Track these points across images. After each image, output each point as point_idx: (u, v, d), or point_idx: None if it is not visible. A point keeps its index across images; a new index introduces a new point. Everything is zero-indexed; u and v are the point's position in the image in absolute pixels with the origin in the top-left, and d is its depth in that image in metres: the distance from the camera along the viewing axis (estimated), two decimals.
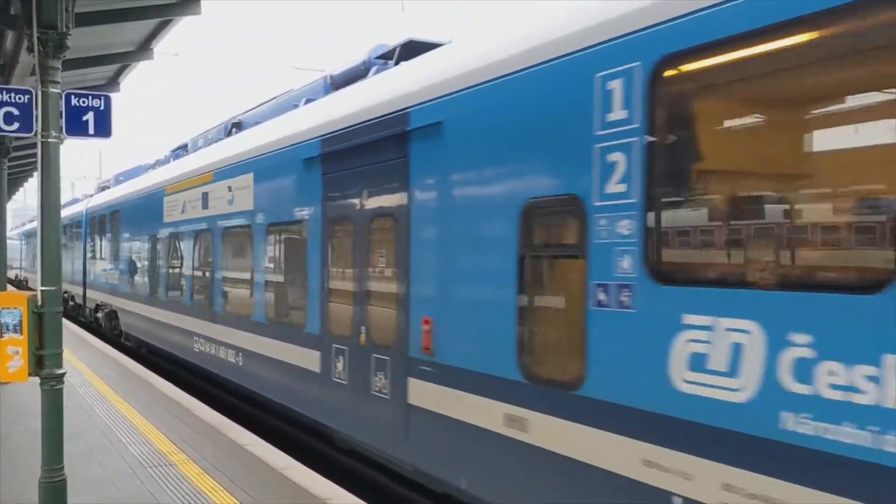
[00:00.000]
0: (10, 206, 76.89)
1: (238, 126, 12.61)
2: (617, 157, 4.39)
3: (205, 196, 11.84)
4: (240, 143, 10.96)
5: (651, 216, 4.20)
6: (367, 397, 7.04)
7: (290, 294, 9.05)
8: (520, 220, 5.19)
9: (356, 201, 7.44)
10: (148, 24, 10.60)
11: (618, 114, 4.37)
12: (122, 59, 12.24)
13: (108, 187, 23.91)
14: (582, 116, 4.61)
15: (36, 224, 6.73)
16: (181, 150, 16.41)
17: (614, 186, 4.41)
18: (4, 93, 5.99)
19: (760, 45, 3.71)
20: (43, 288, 5.87)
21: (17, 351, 5.85)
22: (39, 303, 5.83)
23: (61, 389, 5.97)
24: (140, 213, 16.33)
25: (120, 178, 23.26)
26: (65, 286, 23.11)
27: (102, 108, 6.35)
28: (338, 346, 7.61)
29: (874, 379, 3.20)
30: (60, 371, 5.93)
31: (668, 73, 4.16)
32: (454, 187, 5.94)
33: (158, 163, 18.56)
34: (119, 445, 8.41)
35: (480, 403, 5.52)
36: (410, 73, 6.91)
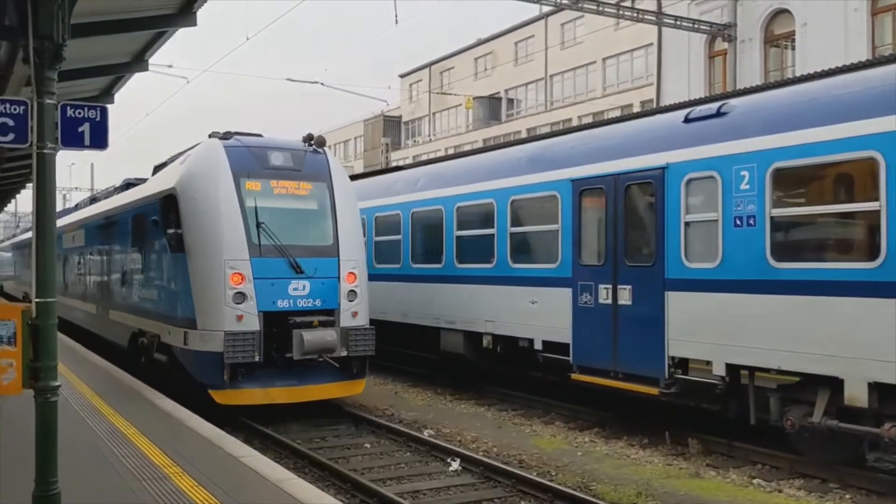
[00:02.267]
0: (1, 218, 76.05)
1: (94, 199, 23.70)
2: (153, 244, 14.08)
3: (76, 235, 23.08)
4: (84, 213, 22.91)
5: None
6: (104, 319, 17.92)
7: (90, 284, 20.34)
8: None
9: (101, 250, 18.93)
10: (143, 35, 10.56)
11: (145, 232, 14.54)
12: (117, 71, 12.22)
13: None
14: (128, 230, 15.76)
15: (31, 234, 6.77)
16: (79, 204, 28.26)
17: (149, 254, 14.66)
18: None
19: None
20: (38, 300, 5.82)
21: (10, 363, 5.79)
22: (34, 314, 5.78)
23: (56, 402, 5.92)
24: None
25: None
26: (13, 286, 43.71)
27: (99, 119, 6.32)
28: (97, 304, 18.95)
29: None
30: (55, 383, 5.88)
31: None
32: (112, 248, 17.62)
33: (70, 209, 30.70)
34: (113, 458, 8.34)
35: (118, 315, 16.18)
36: (105, 202, 19.32)
